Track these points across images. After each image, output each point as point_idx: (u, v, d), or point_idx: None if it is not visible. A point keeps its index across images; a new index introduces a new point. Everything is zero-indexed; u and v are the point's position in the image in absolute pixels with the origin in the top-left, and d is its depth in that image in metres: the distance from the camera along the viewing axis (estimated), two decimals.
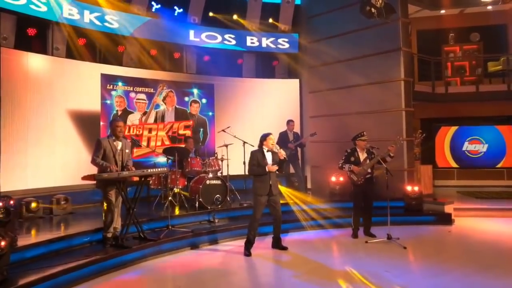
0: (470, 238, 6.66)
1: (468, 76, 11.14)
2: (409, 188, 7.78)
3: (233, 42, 10.09)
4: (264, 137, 5.84)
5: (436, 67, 10.92)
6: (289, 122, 9.15)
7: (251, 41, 10.32)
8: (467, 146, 11.17)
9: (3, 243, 4.03)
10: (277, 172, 5.88)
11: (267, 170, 5.66)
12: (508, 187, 10.59)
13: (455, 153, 11.22)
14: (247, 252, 5.70)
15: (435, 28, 11.57)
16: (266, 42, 10.42)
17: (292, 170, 9.15)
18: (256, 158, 5.75)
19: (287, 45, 10.53)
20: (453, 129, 11.28)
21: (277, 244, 5.96)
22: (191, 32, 9.72)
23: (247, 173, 6.18)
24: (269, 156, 5.79)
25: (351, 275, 4.84)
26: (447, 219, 7.53)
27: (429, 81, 10.75)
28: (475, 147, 11.13)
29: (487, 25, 11.30)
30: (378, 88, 8.84)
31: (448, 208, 7.73)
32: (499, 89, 10.49)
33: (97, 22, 8.42)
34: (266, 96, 10.37)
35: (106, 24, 8.54)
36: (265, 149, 5.80)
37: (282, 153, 5.79)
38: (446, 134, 11.29)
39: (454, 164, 11.23)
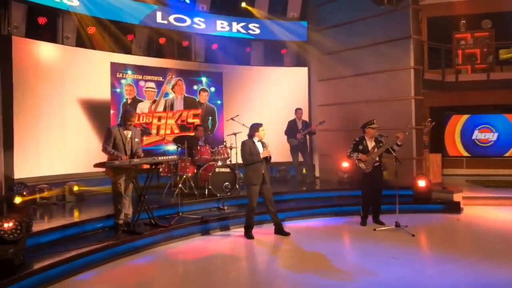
0: (478, 226, 6.67)
1: (479, 64, 10.97)
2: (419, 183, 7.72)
3: (203, 26, 9.76)
4: (257, 128, 5.87)
5: (447, 54, 10.77)
6: (297, 110, 9.14)
7: (221, 25, 9.99)
8: (477, 135, 11.07)
9: (6, 225, 4.09)
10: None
11: (261, 157, 5.73)
12: None
13: (465, 142, 11.14)
14: (248, 235, 5.88)
15: (446, 15, 11.37)
16: (237, 27, 10.15)
17: (301, 158, 9.17)
18: (249, 147, 5.81)
19: (258, 31, 10.31)
20: (464, 117, 11.16)
21: (280, 230, 6.03)
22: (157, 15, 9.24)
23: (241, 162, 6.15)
24: (259, 146, 5.86)
25: (356, 263, 4.90)
26: (455, 208, 7.53)
27: (439, 69, 10.63)
28: (485, 135, 11.02)
29: (499, 11, 11.08)
30: (387, 76, 8.79)
31: (456, 197, 7.72)
32: (511, 77, 10.35)
33: (106, 10, 8.41)
34: (275, 84, 10.35)
35: (116, 12, 8.54)
36: (255, 139, 5.86)
37: (268, 151, 5.84)
38: (457, 123, 11.19)
39: (464, 153, 11.14)
